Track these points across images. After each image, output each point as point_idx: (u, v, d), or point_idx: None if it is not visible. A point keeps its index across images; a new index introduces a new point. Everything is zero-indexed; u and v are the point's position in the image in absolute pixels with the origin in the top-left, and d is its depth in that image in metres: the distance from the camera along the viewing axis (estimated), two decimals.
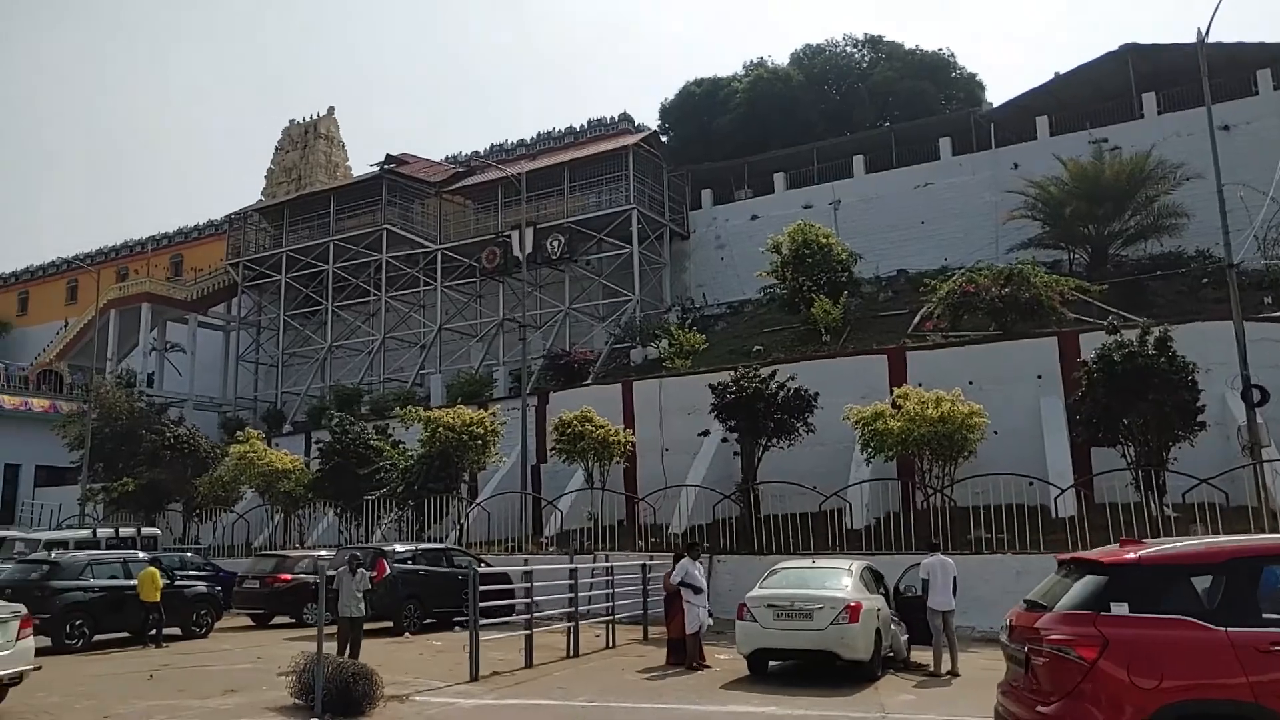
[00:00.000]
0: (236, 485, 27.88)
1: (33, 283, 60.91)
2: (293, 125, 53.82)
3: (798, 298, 29.54)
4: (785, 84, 41.15)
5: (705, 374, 27.04)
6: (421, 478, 24.86)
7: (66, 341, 46.04)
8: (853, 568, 13.09)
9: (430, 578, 19.19)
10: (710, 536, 21.42)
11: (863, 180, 37.10)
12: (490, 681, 12.28)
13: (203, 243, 53.81)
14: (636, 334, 35.44)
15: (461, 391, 34.35)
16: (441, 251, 40.63)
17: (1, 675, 9.80)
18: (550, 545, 23.65)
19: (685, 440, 26.28)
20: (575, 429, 23.33)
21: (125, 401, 33.92)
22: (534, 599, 13.85)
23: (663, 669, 13.47)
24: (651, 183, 38.52)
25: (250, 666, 13.90)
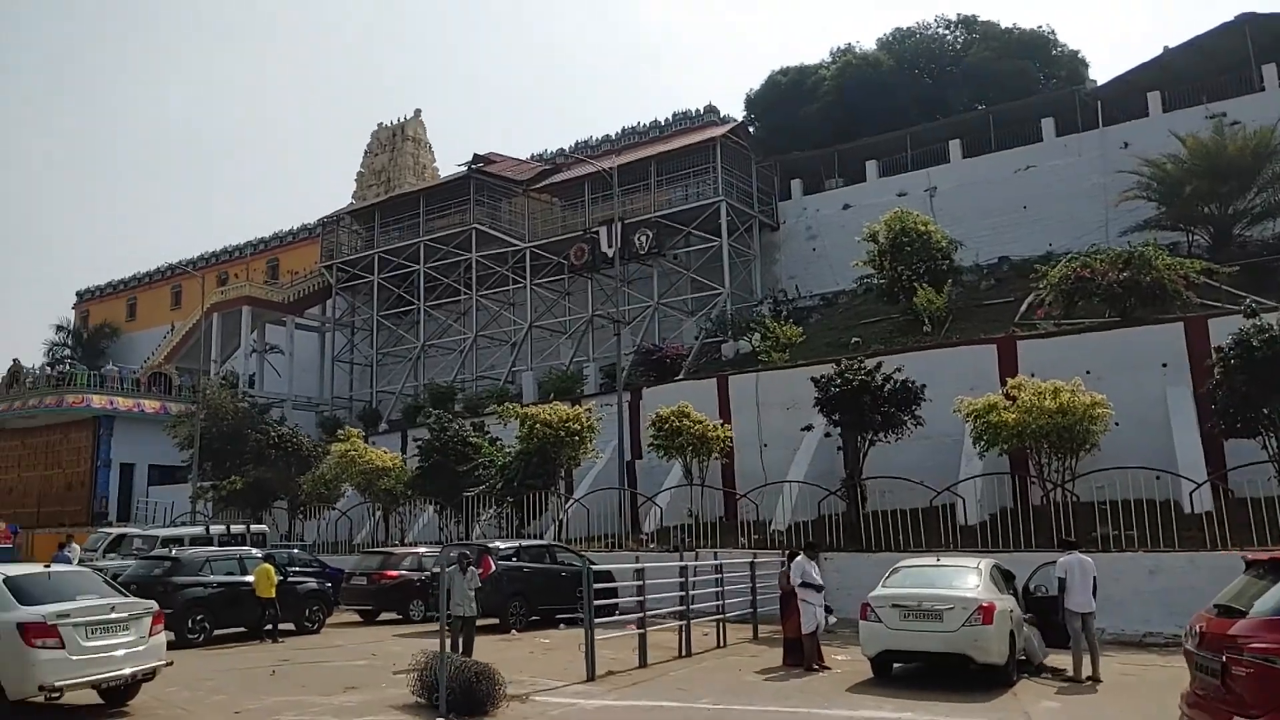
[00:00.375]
0: (339, 483, 28.35)
1: (140, 289, 63.25)
2: (381, 129, 54.71)
3: (897, 287, 28.69)
4: (875, 69, 40.10)
5: (804, 367, 26.49)
6: (520, 474, 24.87)
7: (173, 345, 47.64)
8: (981, 566, 12.48)
9: (534, 575, 19.12)
10: (814, 533, 20.92)
11: (959, 165, 35.92)
12: (607, 681, 12.05)
13: (297, 246, 55.11)
14: (728, 328, 34.97)
15: (553, 388, 34.38)
16: (530, 250, 40.76)
17: (136, 671, 9.92)
18: (650, 542, 23.40)
19: (784, 435, 25.76)
20: (673, 424, 23.02)
21: (230, 402, 34.85)
22: (646, 597, 13.54)
23: (781, 670, 13.07)
24: (739, 174, 37.97)
25: (365, 663, 13.95)
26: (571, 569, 20.06)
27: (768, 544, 21.07)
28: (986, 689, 11.29)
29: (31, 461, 40.47)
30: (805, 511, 22.40)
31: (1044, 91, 37.78)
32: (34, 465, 40.36)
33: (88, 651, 9.49)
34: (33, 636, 9.15)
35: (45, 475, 39.83)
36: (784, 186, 40.20)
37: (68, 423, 38.81)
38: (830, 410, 20.67)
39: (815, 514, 21.65)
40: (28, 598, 9.57)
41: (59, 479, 39.35)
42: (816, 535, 20.80)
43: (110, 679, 9.74)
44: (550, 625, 18.82)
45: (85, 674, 9.46)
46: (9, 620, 9.26)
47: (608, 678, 12.22)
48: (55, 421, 39.07)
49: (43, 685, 9.11)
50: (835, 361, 22.87)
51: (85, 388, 37.73)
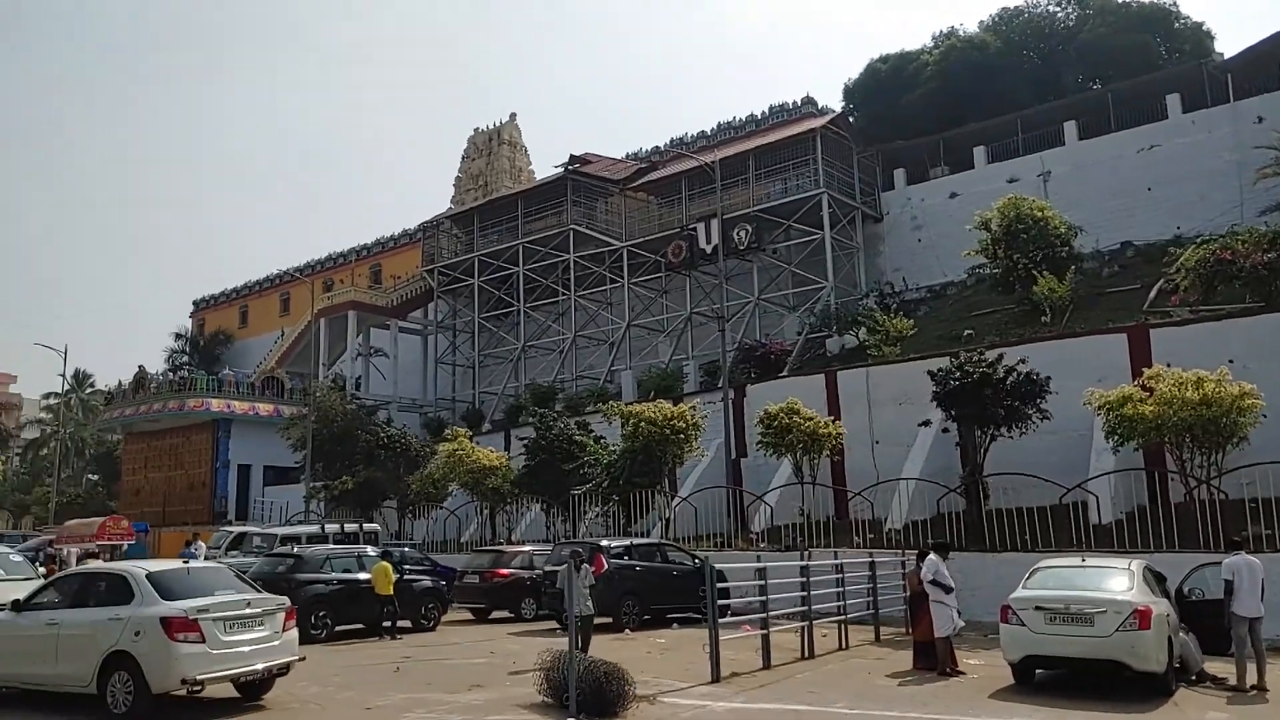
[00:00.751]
0: (446, 482, 28.66)
1: (251, 297, 65.49)
2: (477, 133, 55.42)
3: (1012, 276, 27.57)
4: (981, 52, 38.68)
5: (916, 361, 25.69)
6: (625, 472, 24.72)
7: (284, 350, 49.16)
8: (1133, 567, 11.68)
9: (646, 574, 18.89)
10: (933, 532, 20.17)
11: (1075, 148, 34.33)
12: (733, 683, 11.70)
13: (398, 251, 56.22)
14: (832, 322, 34.20)
15: (654, 386, 34.17)
16: (627, 248, 40.64)
17: (271, 666, 10.01)
18: (760, 541, 22.94)
19: (897, 431, 24.97)
20: (782, 421, 22.50)
21: (340, 404, 35.65)
22: (769, 597, 13.13)
23: (913, 674, 12.50)
24: (841, 165, 37.10)
25: (485, 661, 13.90)
26: (683, 568, 19.81)
27: (884, 543, 20.45)
28: (1143, 698, 10.56)
29: (157, 463, 42.23)
30: (921, 510, 21.68)
31: (1167, 67, 35.82)
32: (159, 466, 42.11)
33: (226, 646, 9.62)
34: (175, 631, 9.31)
35: (169, 476, 41.51)
36: (886, 177, 39.15)
37: (189, 426, 40.37)
38: (949, 405, 19.89)
39: (934, 511, 20.88)
40: (169, 593, 9.75)
41: (182, 480, 40.97)
42: (935, 534, 20.07)
43: (247, 673, 9.85)
44: (662, 625, 18.57)
45: (224, 668, 9.58)
46: (152, 615, 9.44)
47: (733, 679, 11.87)
48: (178, 425, 40.69)
49: (185, 678, 9.26)
50: (952, 354, 22.06)
51: (204, 392, 39.17)
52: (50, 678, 9.96)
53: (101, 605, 9.91)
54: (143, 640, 9.35)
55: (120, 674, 9.40)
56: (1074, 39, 38.32)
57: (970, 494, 19.91)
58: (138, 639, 9.37)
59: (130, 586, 9.82)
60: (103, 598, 10.01)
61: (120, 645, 9.43)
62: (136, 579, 9.87)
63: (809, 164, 36.62)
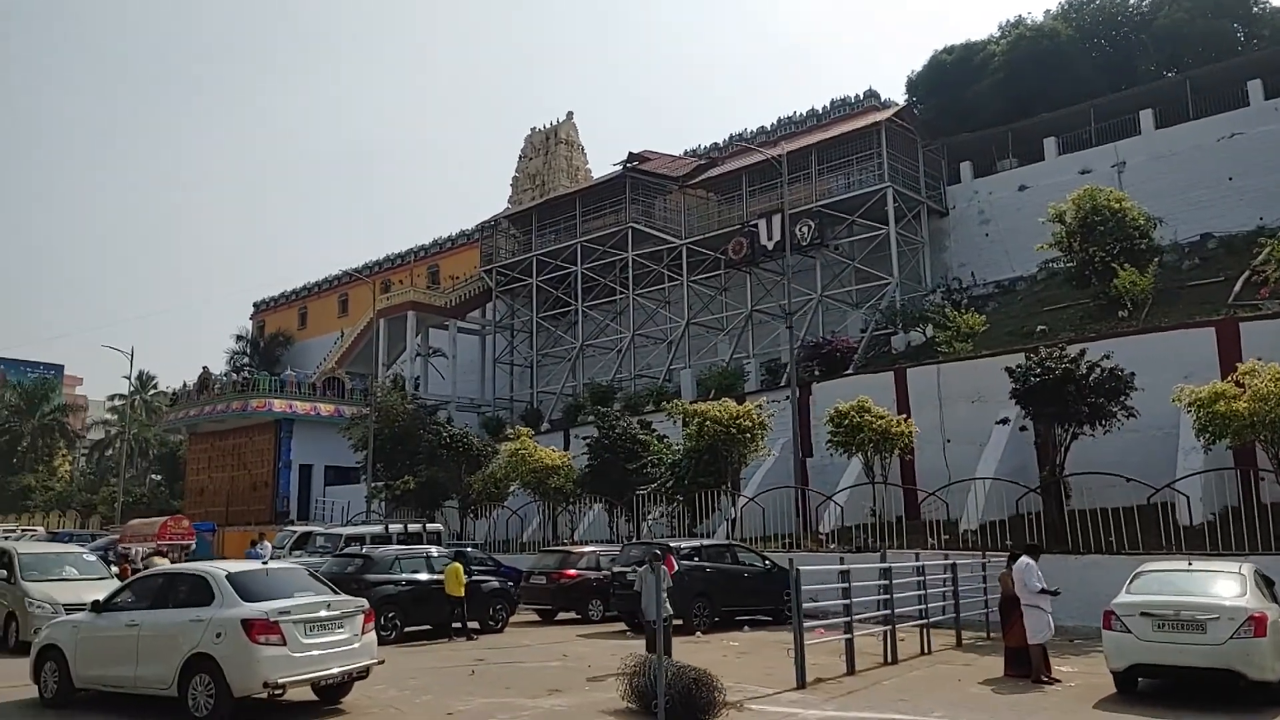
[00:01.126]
0: (509, 482, 28.53)
1: (310, 298, 66.31)
2: (534, 133, 55.43)
3: (1088, 270, 26.62)
4: (1051, 40, 37.57)
5: (989, 358, 25.00)
6: (691, 472, 24.36)
7: (343, 350, 49.63)
8: (1244, 571, 11.03)
9: (717, 575, 18.51)
10: (1010, 534, 19.50)
11: (1152, 137, 33.16)
12: (820, 689, 11.28)
13: (456, 252, 56.49)
14: (898, 319, 33.48)
15: (714, 385, 33.75)
16: (686, 246, 40.25)
17: (351, 669, 9.83)
18: (830, 542, 22.42)
19: (969, 430, 24.28)
20: (853, 420, 21.95)
21: (401, 404, 35.80)
22: (852, 600, 12.66)
23: (1007, 681, 11.95)
24: (905, 159, 36.31)
25: (559, 665, 13.63)
26: (753, 569, 19.40)
27: (960, 545, 19.82)
28: (1259, 709, 9.94)
29: (220, 463, 42.84)
30: (997, 510, 21.01)
31: (1247, 53, 34.46)
32: (223, 467, 42.71)
33: (307, 648, 9.45)
34: (256, 633, 9.16)
35: (233, 476, 42.09)
36: (952, 170, 38.25)
37: (252, 426, 40.88)
38: (1029, 402, 19.16)
39: (1013, 511, 20.20)
40: (250, 594, 9.62)
41: (244, 480, 41.51)
42: (1013, 536, 19.41)
43: (328, 676, 9.68)
44: (732, 627, 18.18)
45: (306, 671, 9.42)
46: (233, 616, 9.30)
47: (818, 685, 11.45)
48: (241, 425, 41.23)
49: (267, 682, 9.10)
50: (1031, 350, 21.36)
51: (267, 393, 39.62)
52: (131, 679, 9.88)
53: (182, 606, 9.81)
54: (224, 642, 9.22)
55: (201, 676, 9.28)
56: (1148, 25, 37.04)
57: (1051, 494, 19.19)
58: (219, 641, 9.25)
59: (211, 587, 9.71)
60: (183, 599, 9.92)
61: (201, 647, 9.31)
62: (217, 580, 9.75)
63: (873, 158, 35.91)
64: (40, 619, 15.32)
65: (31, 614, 15.37)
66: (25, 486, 59.62)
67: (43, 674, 10.60)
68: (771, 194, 38.79)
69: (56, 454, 66.97)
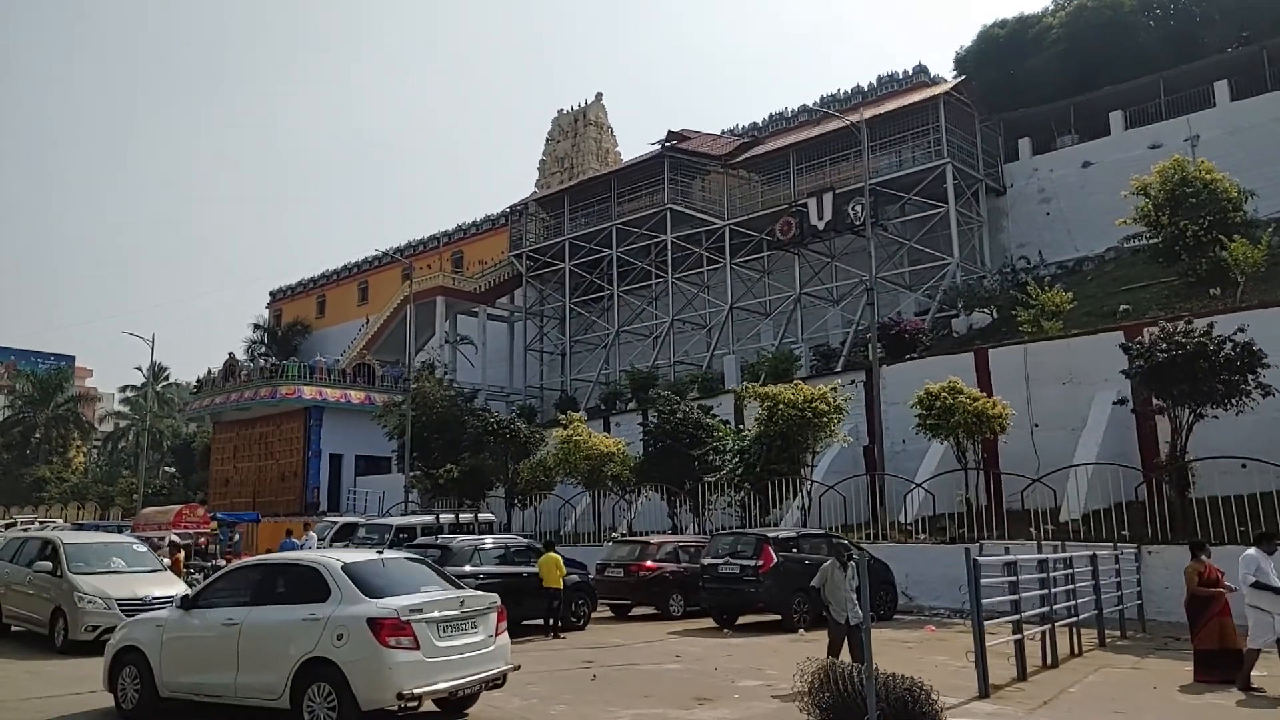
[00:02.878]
0: (562, 469, 27.06)
1: (328, 287, 64.82)
2: (562, 115, 53.92)
3: (1178, 245, 25.10)
4: (1114, 11, 35.98)
5: (1082, 336, 23.60)
6: (763, 458, 22.92)
7: (369, 336, 48.16)
8: None
9: (815, 568, 16.98)
10: (1123, 522, 18.08)
11: (1227, 109, 31.62)
12: (1006, 698, 9.85)
13: (481, 238, 54.98)
14: (959, 300, 32.01)
15: (767, 370, 32.28)
16: (729, 227, 38.75)
17: (488, 676, 8.40)
18: (920, 531, 20.98)
19: (1060, 413, 22.86)
20: (945, 401, 20.48)
21: (437, 391, 34.38)
22: (1020, 595, 11.17)
23: (1206, 688, 10.49)
24: (963, 134, 34.79)
25: (682, 667, 12.19)
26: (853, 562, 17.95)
27: (1068, 535, 18.38)
28: None
29: (247, 452, 41.43)
30: (1099, 498, 19.61)
31: None
32: (249, 456, 41.29)
33: (442, 653, 8.02)
34: (386, 634, 7.73)
35: (260, 466, 40.67)
36: (1009, 147, 36.71)
37: (280, 414, 39.44)
38: (1153, 380, 17.65)
39: (1118, 499, 18.74)
40: (370, 589, 8.19)
41: (273, 469, 40.08)
42: (1132, 525, 18.02)
43: (465, 684, 8.26)
44: None
45: (442, 679, 7.98)
46: (358, 615, 7.87)
47: (1002, 694, 10.00)
48: (269, 413, 39.79)
49: (401, 693, 7.65)
50: (1138, 326, 19.91)
51: (297, 379, 38.18)
52: (230, 688, 8.41)
53: (290, 603, 8.36)
54: (347, 645, 7.77)
55: (319, 686, 7.83)
56: None
57: (1173, 480, 17.72)
58: (341, 644, 7.80)
59: (325, 580, 8.25)
60: (290, 594, 8.47)
61: (319, 651, 7.87)
62: (332, 572, 8.30)
63: (927, 134, 34.38)
64: (92, 615, 14.00)
65: (82, 610, 14.01)
66: (40, 478, 58.27)
67: (120, 680, 9.15)
68: (818, 173, 37.29)
69: (71, 445, 65.60)
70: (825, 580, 10.31)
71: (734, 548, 17.23)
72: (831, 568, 10.37)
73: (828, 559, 10.88)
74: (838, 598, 10.30)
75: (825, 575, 10.36)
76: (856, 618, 10.08)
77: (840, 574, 10.51)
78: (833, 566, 10.39)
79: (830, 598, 10.27)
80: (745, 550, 16.84)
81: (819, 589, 10.31)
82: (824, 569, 10.40)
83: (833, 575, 10.32)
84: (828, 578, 10.31)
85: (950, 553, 19.47)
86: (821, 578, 10.34)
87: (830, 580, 10.29)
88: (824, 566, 10.45)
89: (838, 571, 10.49)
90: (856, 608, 10.16)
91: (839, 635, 10.44)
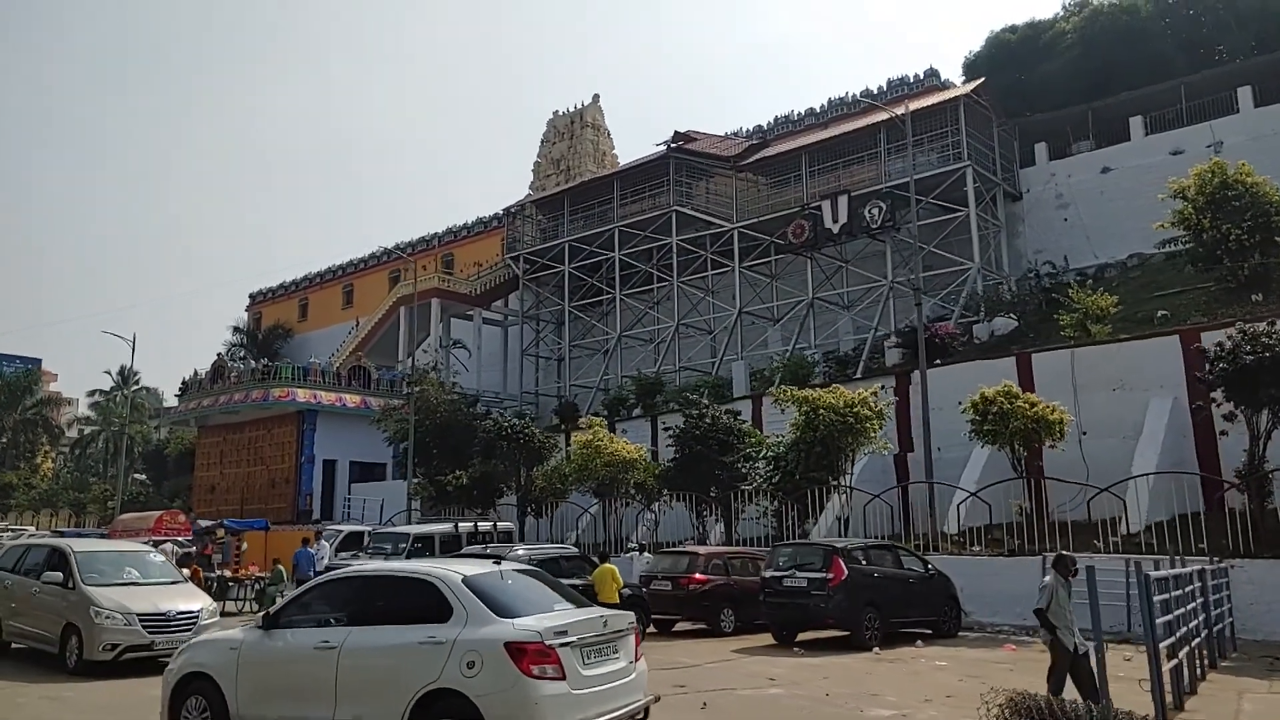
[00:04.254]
0: (581, 476, 25.83)
1: (311, 289, 63.13)
2: (557, 116, 52.81)
3: (1220, 249, 24.48)
4: (1132, 17, 35.59)
5: (1133, 340, 22.91)
6: (801, 465, 21.90)
7: (359, 339, 46.64)
8: None
9: (885, 581, 16.06)
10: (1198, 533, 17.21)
11: (1251, 115, 31.24)
12: None
13: (472, 240, 53.56)
14: (980, 306, 31.30)
15: (780, 376, 31.36)
16: (737, 230, 37.81)
17: (634, 709, 7.22)
18: (974, 544, 20.00)
19: (1110, 421, 22.08)
20: (1001, 406, 19.58)
21: (440, 395, 33.04)
22: (1174, 615, 10.11)
23: None
24: (981, 138, 34.15)
25: (784, 693, 11.10)
26: (916, 574, 16.96)
27: (1134, 547, 17.51)
28: None
29: (235, 458, 39.69)
30: (1161, 509, 18.75)
31: None
32: (237, 462, 39.56)
33: (588, 684, 6.86)
34: (529, 662, 6.54)
35: (249, 472, 38.96)
36: (1024, 152, 36.16)
37: (271, 417, 37.80)
38: (1236, 385, 16.84)
39: (1180, 510, 17.90)
40: (500, 607, 7.00)
41: (262, 475, 38.40)
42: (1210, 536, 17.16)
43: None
44: (900, 641, 15.69)
45: (589, 715, 6.78)
46: (493, 639, 6.68)
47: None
48: (259, 417, 38.13)
49: None
50: (1210, 327, 19.21)
51: (290, 381, 36.59)
52: None
53: (400, 623, 7.14)
54: (481, 675, 6.58)
55: None
56: (1233, 2, 35.13)
57: (1254, 490, 16.93)
58: (472, 673, 6.61)
59: (445, 596, 7.05)
60: (399, 611, 7.26)
61: (444, 682, 6.67)
62: (452, 586, 7.10)
63: (944, 137, 33.70)
64: (111, 632, 12.67)
65: (100, 626, 12.66)
66: (6, 484, 55.91)
67: (185, 713, 7.87)
68: (830, 175, 36.52)
69: (39, 451, 63.13)
70: (1051, 599, 8.96)
71: (798, 559, 16.16)
72: (1055, 584, 9.06)
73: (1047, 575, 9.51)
74: (1065, 620, 8.99)
75: (1050, 593, 8.99)
76: (1085, 648, 8.82)
77: (1064, 592, 9.19)
78: (1056, 582, 9.08)
79: (1057, 620, 8.95)
80: (812, 562, 15.77)
81: (1042, 610, 8.97)
82: (1047, 586, 9.03)
83: (1057, 593, 9.01)
84: (1053, 596, 8.98)
85: (1011, 566, 18.60)
86: (1047, 597, 8.98)
87: (1055, 599, 8.98)
88: (1046, 584, 9.09)
89: (1062, 589, 9.17)
90: (1075, 629, 8.93)
91: (1067, 663, 9.03)
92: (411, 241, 58.03)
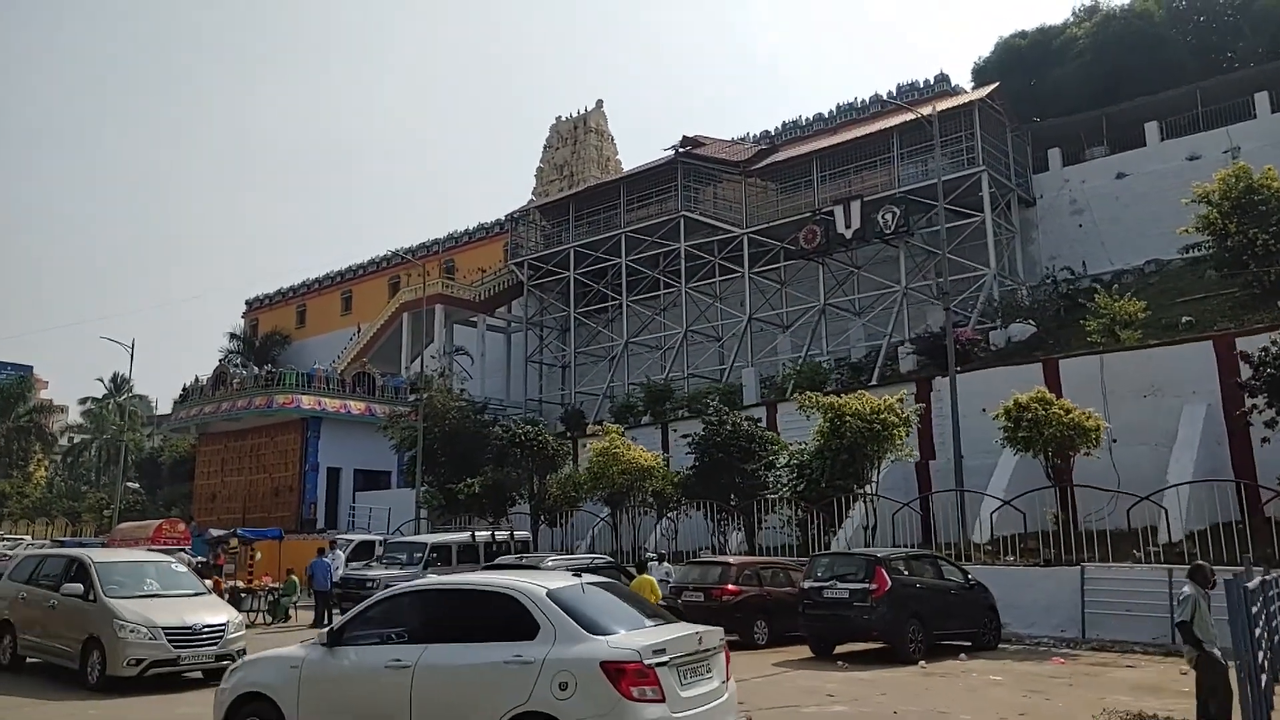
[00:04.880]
0: (596, 485, 25.32)
1: (309, 296, 62.48)
2: (560, 122, 52.41)
3: (1246, 254, 24.22)
4: (1145, 22, 35.44)
5: (1165, 346, 22.65)
6: (826, 473, 21.46)
7: (361, 346, 46.07)
8: None
9: (927, 593, 15.62)
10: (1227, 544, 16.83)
11: (1269, 121, 31.06)
12: None
13: (474, 246, 53.07)
14: (997, 312, 30.98)
15: (794, 383, 30.99)
16: (747, 236, 37.45)
17: None
18: (1007, 553, 19.57)
19: (1141, 429, 21.69)
20: (1036, 413, 19.19)
21: (448, 402, 32.51)
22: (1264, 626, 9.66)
23: None
24: (995, 142, 33.89)
25: (850, 710, 10.65)
26: (957, 585, 16.54)
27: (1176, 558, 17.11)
28: None
29: (236, 465, 39.03)
30: (1199, 518, 18.40)
31: None
32: (239, 470, 38.89)
33: (686, 705, 6.40)
34: (628, 684, 6.08)
35: (251, 480, 38.30)
36: (1037, 157, 35.93)
37: (274, 425, 37.17)
38: None
39: (1215, 519, 17.56)
40: (589, 624, 6.53)
41: (264, 483, 37.75)
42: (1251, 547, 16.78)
43: None
44: (943, 654, 15.25)
45: None
46: (588, 658, 6.21)
47: None
48: (261, 424, 37.50)
49: None
50: (1244, 333, 18.89)
51: (294, 388, 35.98)
52: None
53: (482, 639, 6.67)
54: (576, 698, 6.12)
55: None
56: (1247, 8, 35.02)
57: None
58: (566, 695, 6.15)
59: (529, 611, 6.59)
60: (479, 628, 6.80)
61: (535, 705, 6.20)
62: (537, 601, 6.64)
63: (958, 142, 33.42)
64: (136, 647, 12.18)
65: (124, 640, 12.17)
66: (0, 493, 55.00)
67: None
68: (841, 181, 36.23)
69: (32, 459, 62.22)
70: (1194, 611, 8.43)
71: (837, 570, 15.72)
72: (1196, 595, 8.53)
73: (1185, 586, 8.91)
74: (1209, 633, 8.46)
75: (1192, 605, 8.44)
76: (1225, 665, 8.29)
77: (1205, 603, 8.67)
78: (1197, 593, 8.56)
79: (1203, 634, 8.43)
80: (853, 573, 15.33)
81: (1186, 624, 8.44)
82: (1189, 598, 8.48)
83: (1199, 605, 8.50)
84: (1195, 608, 8.44)
85: (1046, 576, 18.20)
86: (1189, 609, 8.43)
87: (1198, 612, 8.46)
88: (1187, 595, 8.54)
89: (1203, 600, 8.66)
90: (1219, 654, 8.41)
91: (1226, 682, 8.36)
92: (413, 247, 57.37)
